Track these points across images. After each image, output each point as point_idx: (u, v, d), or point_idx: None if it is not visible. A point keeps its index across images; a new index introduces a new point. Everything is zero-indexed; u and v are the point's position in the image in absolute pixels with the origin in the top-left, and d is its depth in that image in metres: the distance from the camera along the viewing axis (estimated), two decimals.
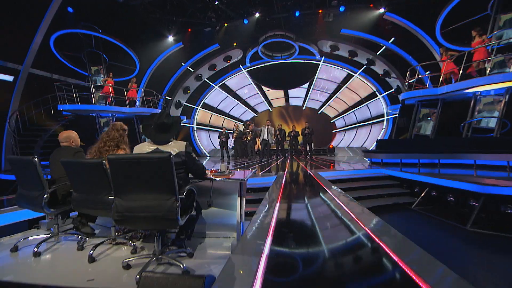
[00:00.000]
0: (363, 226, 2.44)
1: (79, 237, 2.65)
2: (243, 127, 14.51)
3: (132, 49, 12.74)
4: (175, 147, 2.27)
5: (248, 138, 11.95)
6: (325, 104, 18.03)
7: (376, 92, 15.33)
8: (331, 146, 15.25)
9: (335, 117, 17.98)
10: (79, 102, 10.80)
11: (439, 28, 9.27)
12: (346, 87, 16.40)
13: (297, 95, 18.75)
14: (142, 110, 11.96)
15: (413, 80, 8.94)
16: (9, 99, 9.54)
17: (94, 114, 11.75)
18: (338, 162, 10.35)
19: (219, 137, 13.04)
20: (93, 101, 11.47)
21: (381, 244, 1.99)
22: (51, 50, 10.84)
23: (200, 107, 17.97)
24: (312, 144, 11.78)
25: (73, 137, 2.83)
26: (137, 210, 1.91)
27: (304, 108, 18.97)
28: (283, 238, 2.23)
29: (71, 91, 10.62)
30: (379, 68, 13.85)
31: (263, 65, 17.26)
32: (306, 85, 17.66)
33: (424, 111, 8.73)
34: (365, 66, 14.58)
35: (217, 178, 2.56)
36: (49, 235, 2.65)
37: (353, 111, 16.92)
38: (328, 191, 4.27)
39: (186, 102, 17.08)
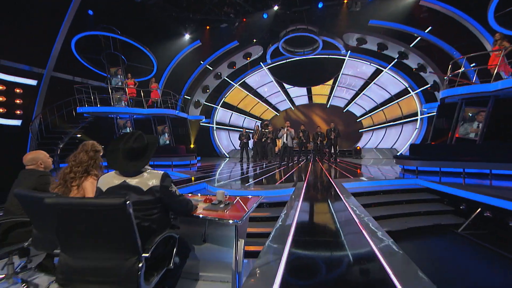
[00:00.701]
0: None
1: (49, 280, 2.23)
2: (263, 128, 13.94)
3: (149, 49, 12.62)
4: (149, 179, 1.74)
5: (268, 140, 11.37)
6: (351, 102, 16.86)
7: (409, 89, 13.94)
8: (358, 148, 14.11)
9: (362, 115, 16.75)
10: (98, 104, 10.87)
11: (492, 11, 7.83)
12: (374, 83, 15.13)
13: (320, 92, 17.75)
14: (160, 112, 11.82)
15: (454, 74, 7.76)
16: (33, 103, 9.77)
17: (113, 116, 11.81)
18: (365, 167, 9.41)
19: (239, 138, 12.58)
20: (111, 102, 11.50)
21: None
22: (72, 53, 10.99)
23: (220, 106, 17.64)
24: (337, 146, 10.93)
25: (40, 158, 2.40)
26: (87, 273, 1.40)
27: (328, 106, 17.94)
28: None
29: (93, 94, 10.71)
30: (412, 61, 12.50)
31: (285, 61, 16.47)
32: (331, 82, 16.60)
33: (469, 110, 7.53)
34: (396, 60, 13.27)
35: (208, 216, 2.01)
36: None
37: (381, 109, 15.61)
38: (353, 217, 3.57)
39: (205, 101, 16.82)
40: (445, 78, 8.43)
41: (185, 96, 15.80)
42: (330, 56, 15.42)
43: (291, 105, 18.97)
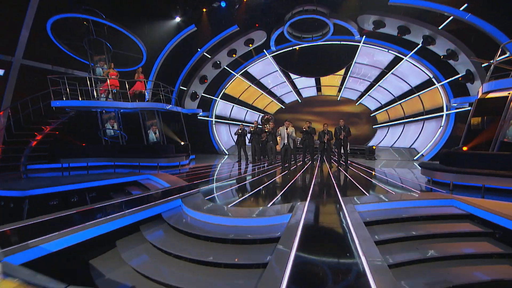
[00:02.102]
0: None
1: None
2: (264, 123, 12.50)
3: (137, 36, 11.27)
4: None
5: (266, 138, 9.97)
6: (364, 94, 15.12)
7: (433, 80, 12.12)
8: (374, 148, 12.46)
9: (377, 110, 15.03)
10: (80, 97, 9.67)
11: None
12: (392, 73, 13.35)
13: (330, 83, 16.05)
14: (149, 106, 10.53)
15: (502, 61, 6.06)
16: (1, 95, 8.65)
17: (95, 110, 10.63)
18: (381, 174, 7.91)
19: (235, 133, 11.22)
20: (95, 95, 10.29)
21: None
22: (49, 40, 9.76)
23: (220, 98, 16.24)
24: (348, 147, 9.42)
25: None
26: None
27: (339, 98, 16.26)
28: None
29: (73, 85, 9.51)
30: (440, 47, 10.67)
31: (291, 48, 14.83)
32: (342, 71, 14.88)
33: None
34: (420, 46, 11.44)
35: None
36: None
37: (399, 103, 13.84)
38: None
39: (203, 93, 15.46)
40: (490, 67, 6.74)
41: (180, 87, 14.49)
42: (342, 43, 13.68)
43: (298, 97, 17.37)
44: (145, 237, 3.71)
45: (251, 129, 10.60)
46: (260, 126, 10.56)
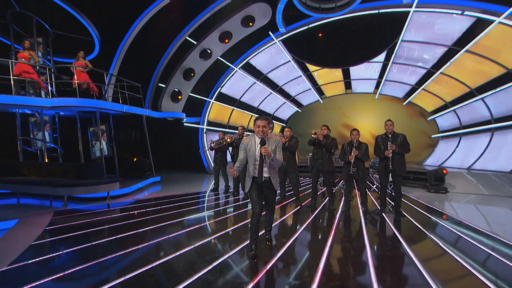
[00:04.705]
0: None
1: None
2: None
3: (81, 11, 8.05)
4: None
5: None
6: (417, 89, 10.29)
7: None
8: (445, 172, 7.09)
9: (438, 110, 10.06)
10: None
11: None
12: (467, 51, 8.41)
13: (363, 75, 11.48)
14: (80, 104, 6.94)
15: None
16: None
17: (13, 110, 7.41)
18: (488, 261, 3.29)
19: (210, 148, 7.25)
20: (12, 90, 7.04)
21: None
22: None
23: (214, 100, 12.48)
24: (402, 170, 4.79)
25: None
26: None
27: (377, 96, 11.58)
28: None
29: None
30: None
31: (306, 27, 10.66)
32: (382, 56, 10.28)
33: None
34: None
35: None
36: None
37: (481, 98, 8.80)
38: None
39: (191, 92, 11.82)
40: None
41: (159, 84, 11.01)
42: (381, 11, 9.18)
43: (319, 96, 13.01)
44: None
45: (228, 139, 6.54)
46: (250, 134, 6.30)
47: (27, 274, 2.64)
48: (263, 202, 3.18)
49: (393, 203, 5.27)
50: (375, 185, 6.67)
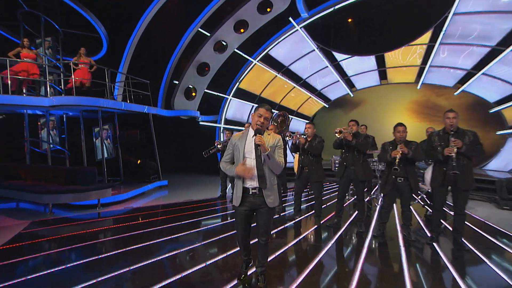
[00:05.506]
0: None
1: None
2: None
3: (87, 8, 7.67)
4: None
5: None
6: (474, 75, 8.37)
7: None
8: None
9: (505, 100, 8.06)
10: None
11: None
12: None
13: (402, 62, 9.78)
14: (80, 102, 6.45)
15: None
16: None
17: (21, 111, 7.21)
18: None
19: (205, 153, 6.32)
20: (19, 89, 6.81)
21: None
22: None
23: (232, 96, 11.62)
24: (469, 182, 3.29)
25: None
26: None
27: (419, 86, 9.80)
28: None
29: None
30: None
31: (332, 9, 9.29)
32: (426, 37, 8.53)
33: None
34: None
35: None
36: None
37: None
38: None
39: (207, 89, 11.07)
40: None
41: (173, 81, 10.43)
42: None
43: (348, 89, 11.48)
44: None
45: (219, 146, 5.56)
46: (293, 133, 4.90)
47: None
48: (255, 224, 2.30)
49: (448, 227, 3.84)
50: (419, 197, 5.18)
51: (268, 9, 9.46)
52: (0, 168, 6.16)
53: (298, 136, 4.00)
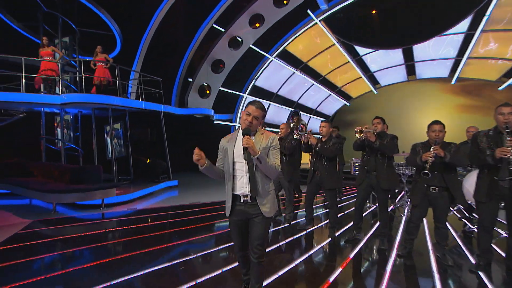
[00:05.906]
0: None
1: None
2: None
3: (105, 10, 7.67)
4: None
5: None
6: None
7: None
8: None
9: None
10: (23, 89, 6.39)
11: None
12: None
13: (434, 55, 8.86)
14: (90, 100, 6.36)
15: None
16: None
17: (38, 109, 7.32)
18: None
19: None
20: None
21: None
22: None
23: (248, 94, 11.26)
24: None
25: None
26: None
27: (453, 81, 8.81)
28: None
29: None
30: None
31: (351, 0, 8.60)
32: (463, 25, 7.58)
33: None
34: None
35: None
36: None
37: None
38: None
39: (222, 86, 10.79)
40: None
41: (187, 79, 10.25)
42: None
43: (371, 86, 10.67)
44: None
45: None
46: (302, 132, 4.10)
47: None
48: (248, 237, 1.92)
49: (497, 249, 3.12)
50: (456, 208, 4.45)
51: (285, 1, 8.95)
52: (15, 165, 6.24)
53: (308, 135, 3.49)
